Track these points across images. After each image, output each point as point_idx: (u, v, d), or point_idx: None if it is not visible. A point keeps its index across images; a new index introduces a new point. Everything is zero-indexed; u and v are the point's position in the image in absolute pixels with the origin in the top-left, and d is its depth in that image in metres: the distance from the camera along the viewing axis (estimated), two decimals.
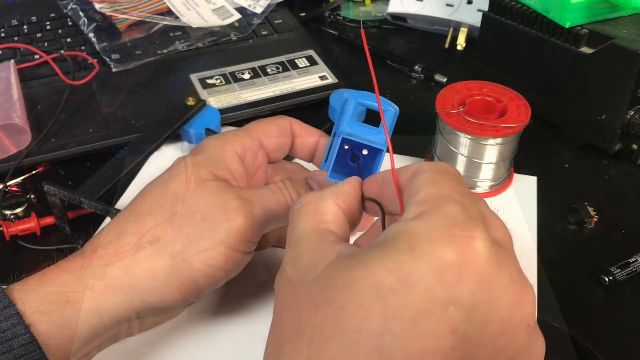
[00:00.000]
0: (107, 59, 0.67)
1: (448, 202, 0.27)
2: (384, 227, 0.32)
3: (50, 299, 0.33)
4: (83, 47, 0.71)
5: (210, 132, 0.56)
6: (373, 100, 0.41)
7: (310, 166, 0.46)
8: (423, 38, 0.80)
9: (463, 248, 0.25)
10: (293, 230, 0.31)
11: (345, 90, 0.48)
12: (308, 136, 0.43)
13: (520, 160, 0.55)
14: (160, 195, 0.37)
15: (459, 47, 0.76)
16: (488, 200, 0.53)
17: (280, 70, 0.67)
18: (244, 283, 0.44)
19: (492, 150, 0.51)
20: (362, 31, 0.35)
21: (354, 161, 0.40)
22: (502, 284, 0.25)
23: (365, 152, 0.40)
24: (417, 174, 0.30)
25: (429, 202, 0.27)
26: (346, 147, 0.40)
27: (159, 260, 0.35)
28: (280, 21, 0.77)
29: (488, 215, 0.29)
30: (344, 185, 0.34)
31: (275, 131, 0.42)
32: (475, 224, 0.26)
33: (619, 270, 0.46)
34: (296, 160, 0.47)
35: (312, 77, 0.66)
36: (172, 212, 0.36)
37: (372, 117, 0.53)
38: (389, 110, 0.40)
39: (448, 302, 0.24)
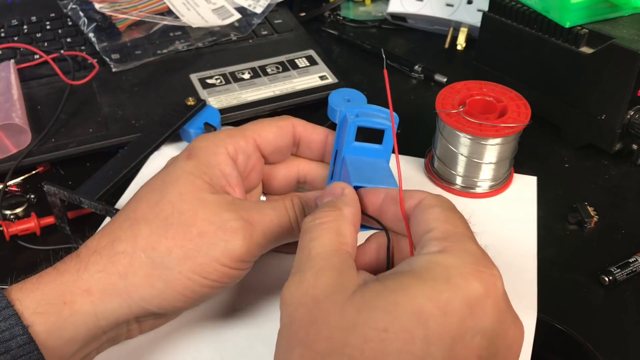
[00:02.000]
0: (107, 59, 0.67)
1: (466, 239, 0.30)
2: (388, 255, 0.34)
3: (48, 300, 0.33)
4: (83, 47, 0.71)
5: (209, 126, 0.56)
6: (373, 117, 0.40)
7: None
8: (423, 38, 0.80)
9: (488, 284, 0.28)
10: (312, 242, 0.32)
11: (343, 90, 0.47)
12: (315, 135, 0.43)
13: (520, 160, 0.55)
14: (156, 203, 0.36)
15: (459, 47, 0.76)
16: (488, 200, 0.53)
17: (280, 70, 0.67)
18: (244, 284, 0.44)
19: (492, 150, 0.51)
20: (385, 71, 0.34)
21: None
22: (509, 320, 0.29)
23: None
24: (425, 207, 0.32)
25: (449, 238, 0.30)
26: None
27: (155, 270, 0.34)
28: (280, 21, 0.77)
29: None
30: (356, 206, 0.35)
31: (274, 133, 0.41)
32: (492, 263, 0.29)
33: (619, 270, 0.46)
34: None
35: (312, 77, 0.66)
36: (168, 223, 0.35)
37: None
38: (386, 126, 0.40)
39: (476, 331, 0.27)
